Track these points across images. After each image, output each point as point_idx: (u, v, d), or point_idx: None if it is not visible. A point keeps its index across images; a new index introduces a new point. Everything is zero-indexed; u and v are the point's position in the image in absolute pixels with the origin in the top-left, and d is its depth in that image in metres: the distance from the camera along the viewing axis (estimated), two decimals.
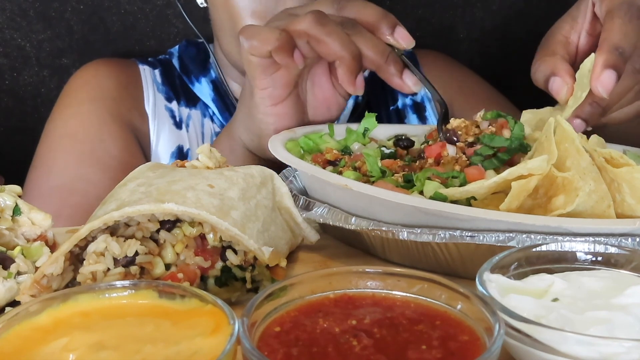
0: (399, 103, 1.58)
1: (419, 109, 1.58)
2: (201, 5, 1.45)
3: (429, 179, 0.87)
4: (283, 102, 1.11)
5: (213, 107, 1.51)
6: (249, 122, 1.15)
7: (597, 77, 0.93)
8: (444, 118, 1.05)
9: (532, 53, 1.06)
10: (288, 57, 1.03)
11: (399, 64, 1.06)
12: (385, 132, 1.11)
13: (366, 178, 0.93)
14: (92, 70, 1.52)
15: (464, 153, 0.94)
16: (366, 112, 1.11)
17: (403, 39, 1.07)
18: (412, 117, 1.57)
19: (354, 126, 1.10)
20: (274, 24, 1.06)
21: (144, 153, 1.47)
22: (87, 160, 1.40)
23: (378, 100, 1.57)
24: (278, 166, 0.96)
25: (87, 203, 1.28)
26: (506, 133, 0.95)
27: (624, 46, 0.95)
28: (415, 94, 1.57)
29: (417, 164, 0.95)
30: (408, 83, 1.07)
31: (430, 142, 1.03)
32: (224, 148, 1.20)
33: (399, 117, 1.57)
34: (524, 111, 1.02)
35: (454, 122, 1.00)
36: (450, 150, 0.94)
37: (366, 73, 1.53)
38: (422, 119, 1.57)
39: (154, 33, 1.75)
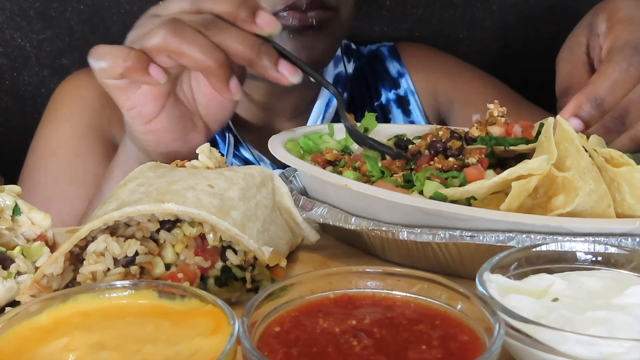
0: (383, 99, 1.57)
1: (402, 103, 1.57)
2: None
3: (428, 179, 0.87)
4: (157, 117, 1.04)
5: None
6: (131, 137, 1.08)
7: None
8: (341, 108, 1.02)
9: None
10: (143, 76, 0.96)
11: (272, 55, 0.98)
12: (385, 132, 1.10)
13: (366, 178, 0.93)
14: (74, 82, 1.52)
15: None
16: (366, 112, 1.10)
17: (267, 25, 0.98)
18: (397, 112, 1.57)
19: None
20: (131, 39, 1.00)
21: None
22: (63, 177, 1.40)
23: (362, 97, 1.56)
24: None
25: (60, 221, 1.27)
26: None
27: (606, 98, 0.93)
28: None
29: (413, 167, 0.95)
30: (285, 74, 0.99)
31: (420, 141, 1.03)
32: (124, 163, 1.12)
33: (384, 113, 1.57)
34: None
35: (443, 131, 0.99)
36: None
37: (350, 70, 1.53)
38: (407, 113, 1.57)
39: None
